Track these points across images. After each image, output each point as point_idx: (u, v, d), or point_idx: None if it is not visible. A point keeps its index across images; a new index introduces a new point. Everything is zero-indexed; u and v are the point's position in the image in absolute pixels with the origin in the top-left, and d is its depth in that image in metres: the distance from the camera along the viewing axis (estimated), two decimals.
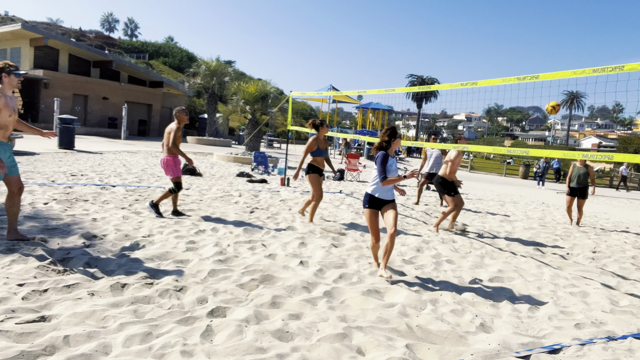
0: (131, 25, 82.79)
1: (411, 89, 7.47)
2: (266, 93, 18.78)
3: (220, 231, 5.60)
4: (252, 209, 7.27)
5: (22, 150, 13.06)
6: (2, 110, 4.05)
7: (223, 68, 29.47)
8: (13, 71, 4.12)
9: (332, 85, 30.94)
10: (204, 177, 11.22)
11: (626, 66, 4.23)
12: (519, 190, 18.05)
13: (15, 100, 4.27)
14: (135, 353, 2.55)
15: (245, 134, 19.45)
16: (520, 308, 3.97)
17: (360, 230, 6.54)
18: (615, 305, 4.26)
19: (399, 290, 4.04)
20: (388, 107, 38.81)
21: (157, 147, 20.22)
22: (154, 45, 56.75)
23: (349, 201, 9.28)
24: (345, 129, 44.83)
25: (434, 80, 62.52)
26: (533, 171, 28.84)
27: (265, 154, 14.98)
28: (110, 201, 6.78)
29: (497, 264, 5.35)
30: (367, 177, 16.09)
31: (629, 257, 6.54)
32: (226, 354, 2.65)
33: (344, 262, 4.77)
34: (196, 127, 35.73)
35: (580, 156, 5.86)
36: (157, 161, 13.97)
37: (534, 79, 5.13)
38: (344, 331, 3.03)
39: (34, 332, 2.66)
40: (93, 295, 3.32)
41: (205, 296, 3.46)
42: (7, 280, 3.38)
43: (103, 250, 4.38)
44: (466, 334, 3.30)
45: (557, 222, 9.44)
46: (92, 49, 30.55)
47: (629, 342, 3.38)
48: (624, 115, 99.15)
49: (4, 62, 4.11)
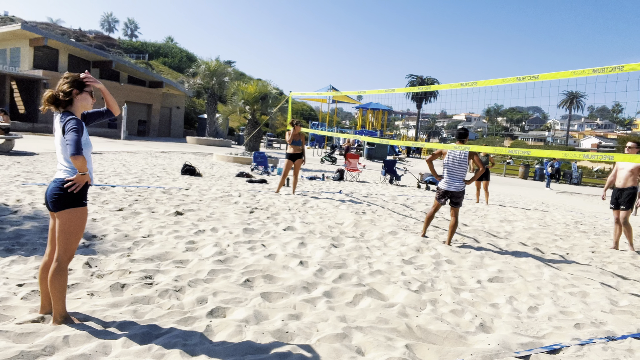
0: (131, 25, 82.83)
1: (411, 89, 7.48)
2: (266, 93, 18.78)
3: (220, 231, 5.60)
4: (252, 209, 7.27)
5: (22, 150, 13.06)
6: None
7: (223, 68, 29.46)
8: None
9: (332, 85, 30.98)
10: (204, 177, 11.22)
11: (626, 66, 4.24)
12: (519, 190, 18.06)
13: None
14: (135, 353, 2.55)
15: (245, 134, 19.45)
16: (519, 308, 3.98)
17: (361, 230, 6.54)
18: (614, 306, 4.27)
19: (399, 290, 4.04)
20: (388, 107, 38.83)
21: (156, 147, 20.22)
22: (153, 46, 56.75)
23: (349, 201, 9.28)
24: (345, 129, 44.83)
25: (434, 80, 62.54)
26: (534, 171, 28.89)
27: (265, 154, 14.98)
28: (109, 201, 6.78)
29: (497, 264, 5.35)
30: (367, 177, 16.10)
31: (628, 257, 6.55)
32: (226, 354, 2.65)
33: (343, 262, 4.77)
34: (196, 127, 35.76)
35: (581, 156, 5.90)
36: (157, 161, 13.98)
37: (534, 79, 5.14)
38: (343, 331, 3.03)
39: (34, 332, 2.66)
40: (93, 295, 3.32)
41: (205, 296, 3.46)
42: (7, 280, 3.39)
43: (103, 250, 4.38)
44: (466, 334, 3.30)
45: (557, 222, 9.44)
46: (91, 49, 30.55)
47: (628, 342, 3.39)
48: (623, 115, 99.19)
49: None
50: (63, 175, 2.74)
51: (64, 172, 2.75)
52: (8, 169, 9.14)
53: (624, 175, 7.02)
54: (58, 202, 2.71)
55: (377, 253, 5.37)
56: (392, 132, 73.52)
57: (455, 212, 6.16)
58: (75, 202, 2.74)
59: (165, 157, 15.72)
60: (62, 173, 2.75)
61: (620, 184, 7.05)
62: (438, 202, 6.26)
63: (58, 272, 2.72)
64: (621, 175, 7.06)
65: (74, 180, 2.71)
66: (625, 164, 7.05)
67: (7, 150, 12.15)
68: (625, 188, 7.00)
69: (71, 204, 2.73)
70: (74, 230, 2.77)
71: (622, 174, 7.05)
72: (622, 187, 7.03)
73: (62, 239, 2.74)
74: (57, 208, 2.71)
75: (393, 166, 15.01)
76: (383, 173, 14.94)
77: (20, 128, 21.97)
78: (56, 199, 2.71)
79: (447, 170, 6.15)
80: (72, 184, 2.71)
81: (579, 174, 28.07)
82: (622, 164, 7.11)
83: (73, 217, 2.75)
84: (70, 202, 2.72)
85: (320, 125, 36.43)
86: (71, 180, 2.71)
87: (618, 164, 7.20)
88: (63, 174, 2.75)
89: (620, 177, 7.07)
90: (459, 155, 6.07)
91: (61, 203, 2.71)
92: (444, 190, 6.16)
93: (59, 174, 2.76)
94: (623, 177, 7.02)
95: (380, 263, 4.93)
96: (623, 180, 7.02)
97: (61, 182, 2.72)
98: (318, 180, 13.35)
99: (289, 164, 9.53)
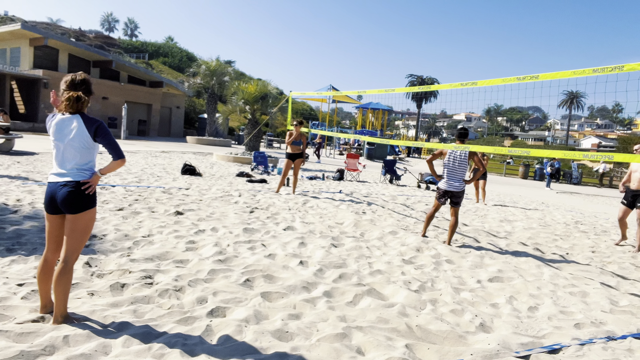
0: (131, 25, 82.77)
1: (411, 89, 7.48)
2: (266, 93, 18.78)
3: (220, 231, 5.60)
4: (252, 209, 7.27)
5: (22, 150, 13.06)
6: None
7: (223, 68, 29.47)
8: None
9: (332, 85, 30.96)
10: (204, 177, 11.22)
11: (626, 66, 4.24)
12: (519, 190, 18.05)
13: None
14: (135, 353, 2.55)
15: (245, 133, 19.46)
16: (519, 308, 3.98)
17: (361, 230, 6.54)
18: (614, 305, 4.27)
19: (399, 290, 4.04)
20: (388, 107, 38.81)
21: (156, 147, 20.22)
22: (153, 45, 56.77)
23: (349, 201, 9.28)
24: (345, 129, 44.83)
25: (434, 80, 62.53)
26: (534, 171, 28.88)
27: (265, 153, 14.98)
28: (109, 201, 6.78)
29: (497, 264, 5.35)
30: (367, 177, 16.10)
31: (628, 257, 6.55)
32: (226, 354, 2.65)
33: (343, 262, 4.77)
34: (196, 127, 35.76)
35: (581, 156, 5.88)
36: (157, 161, 13.98)
37: (534, 79, 5.14)
38: (343, 331, 3.03)
39: (34, 332, 2.66)
40: (93, 295, 3.32)
41: (204, 296, 3.46)
42: (7, 280, 3.38)
43: (103, 250, 4.38)
44: (466, 333, 3.30)
45: (557, 222, 9.44)
46: (91, 48, 30.55)
47: (628, 342, 3.38)
48: (623, 115, 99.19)
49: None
50: (79, 177, 2.76)
51: (78, 174, 2.76)
52: (8, 169, 9.14)
53: (638, 177, 7.05)
54: (79, 204, 2.74)
55: (377, 253, 5.37)
56: (392, 132, 73.53)
57: (455, 211, 6.16)
58: (93, 203, 2.82)
59: (165, 157, 15.72)
60: (76, 175, 2.76)
61: (635, 185, 7.08)
62: (438, 202, 6.26)
63: (65, 272, 2.73)
64: (635, 177, 7.09)
65: (92, 182, 2.77)
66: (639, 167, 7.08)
67: (7, 150, 12.15)
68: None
69: (89, 204, 2.79)
70: (89, 231, 2.84)
71: (637, 176, 7.07)
72: (637, 189, 7.06)
73: (76, 239, 2.77)
74: (77, 210, 2.74)
75: (393, 166, 15.00)
76: (383, 173, 14.94)
77: (20, 128, 21.98)
78: (76, 201, 2.73)
79: (447, 170, 6.15)
80: (89, 185, 2.76)
81: (579, 173, 28.09)
82: (636, 166, 7.15)
83: (91, 217, 2.82)
84: (89, 203, 2.78)
85: (320, 125, 36.42)
86: (88, 182, 2.76)
87: (632, 166, 7.26)
88: (78, 176, 2.76)
89: (634, 180, 7.11)
90: (459, 156, 6.07)
91: (82, 205, 2.74)
92: (444, 190, 6.16)
93: (73, 176, 2.75)
94: (638, 179, 7.05)
95: (380, 263, 4.93)
96: (637, 182, 7.05)
97: (77, 184, 2.73)
98: (318, 180, 13.35)
99: (288, 164, 9.58)
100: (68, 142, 2.76)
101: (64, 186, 2.73)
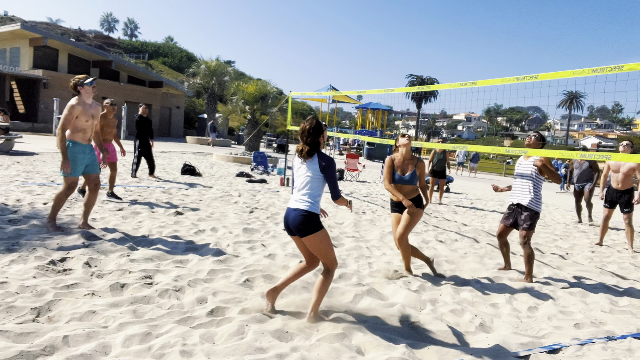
0: (131, 25, 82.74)
1: (411, 89, 7.47)
2: (266, 93, 18.79)
3: (220, 231, 5.60)
4: (252, 209, 7.27)
5: (21, 150, 13.05)
6: (80, 116, 4.70)
7: (223, 68, 29.49)
8: (84, 82, 4.76)
9: (332, 85, 30.93)
10: (204, 177, 11.22)
11: (625, 66, 4.24)
12: None
13: (96, 108, 4.86)
14: (135, 353, 2.55)
15: (245, 134, 19.46)
16: (519, 308, 3.98)
17: (360, 230, 6.54)
18: (614, 305, 4.27)
19: (399, 290, 4.04)
20: (387, 107, 38.82)
21: (156, 147, 20.17)
22: (153, 45, 56.77)
23: None
24: (344, 129, 44.82)
25: (434, 80, 62.50)
26: None
27: (265, 154, 14.98)
28: (109, 201, 6.78)
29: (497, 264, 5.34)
30: (367, 177, 16.09)
31: (628, 257, 6.55)
32: (226, 354, 2.65)
33: (343, 262, 4.77)
34: (196, 127, 35.73)
35: (578, 156, 5.87)
36: (157, 161, 13.96)
37: (533, 78, 5.14)
38: (343, 331, 3.03)
39: (34, 332, 2.65)
40: (93, 295, 3.32)
41: (204, 296, 3.46)
42: (7, 280, 3.38)
43: (102, 250, 4.38)
44: (466, 333, 3.30)
45: (557, 222, 9.44)
46: (91, 48, 30.53)
47: (628, 342, 3.38)
48: (623, 115, 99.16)
49: (75, 79, 4.76)
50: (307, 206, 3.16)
51: (306, 204, 3.15)
52: (8, 169, 9.14)
53: (620, 177, 7.02)
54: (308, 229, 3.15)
55: (377, 253, 5.37)
56: (392, 132, 73.51)
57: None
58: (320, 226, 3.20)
59: (165, 157, 15.72)
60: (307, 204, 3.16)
61: (617, 185, 7.06)
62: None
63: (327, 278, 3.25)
64: (617, 177, 7.06)
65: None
66: (619, 165, 7.01)
67: (7, 150, 12.14)
68: (625, 190, 7.00)
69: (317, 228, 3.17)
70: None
71: (618, 177, 7.04)
72: (620, 189, 7.03)
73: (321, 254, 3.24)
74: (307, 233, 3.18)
75: None
76: (383, 173, 14.94)
77: (20, 128, 21.96)
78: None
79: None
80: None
81: None
82: (615, 165, 7.09)
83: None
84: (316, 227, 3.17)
85: None
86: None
87: (611, 165, 7.16)
88: (308, 205, 3.15)
89: (615, 179, 7.08)
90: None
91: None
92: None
93: (306, 207, 3.16)
94: (619, 179, 7.03)
95: (380, 263, 4.93)
96: (620, 182, 7.02)
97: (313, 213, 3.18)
98: None
99: None
100: (306, 172, 3.23)
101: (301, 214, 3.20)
